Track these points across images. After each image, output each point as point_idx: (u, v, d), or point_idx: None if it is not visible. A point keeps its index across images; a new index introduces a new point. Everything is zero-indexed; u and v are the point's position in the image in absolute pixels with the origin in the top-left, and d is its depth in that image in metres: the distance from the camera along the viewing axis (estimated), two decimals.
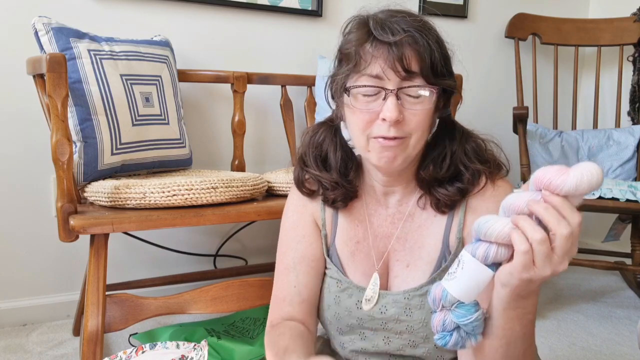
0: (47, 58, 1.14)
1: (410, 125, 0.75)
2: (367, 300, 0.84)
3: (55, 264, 1.74)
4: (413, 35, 0.73)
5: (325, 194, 0.86)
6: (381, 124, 0.74)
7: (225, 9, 1.89)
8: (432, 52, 0.74)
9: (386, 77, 0.73)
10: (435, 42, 0.75)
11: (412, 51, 0.73)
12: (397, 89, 0.73)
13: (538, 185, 0.58)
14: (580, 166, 0.57)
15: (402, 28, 0.73)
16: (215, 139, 1.94)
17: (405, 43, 0.73)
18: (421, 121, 0.75)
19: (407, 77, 0.73)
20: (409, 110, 0.74)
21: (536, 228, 0.56)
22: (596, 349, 1.61)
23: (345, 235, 0.88)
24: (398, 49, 0.72)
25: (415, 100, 0.74)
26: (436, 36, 0.76)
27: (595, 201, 1.72)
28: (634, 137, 2.10)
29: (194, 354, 1.01)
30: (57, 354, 1.52)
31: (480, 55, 2.41)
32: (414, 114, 0.74)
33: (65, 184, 1.19)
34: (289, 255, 0.90)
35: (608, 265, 1.89)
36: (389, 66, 0.73)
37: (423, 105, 0.75)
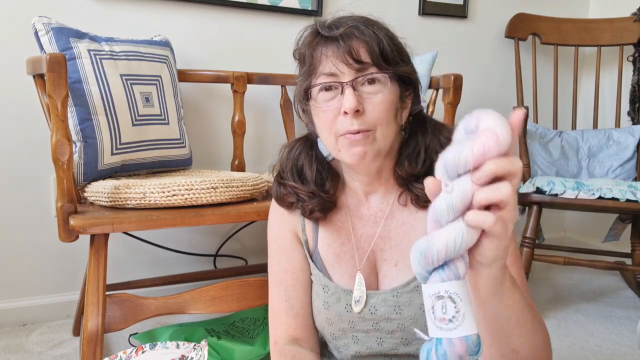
0: (47, 58, 1.14)
1: (372, 115, 0.75)
2: (356, 302, 0.83)
3: (55, 264, 1.74)
4: (357, 27, 0.75)
5: (303, 205, 0.86)
6: (344, 119, 0.75)
7: (225, 9, 1.89)
8: (380, 41, 0.75)
9: (340, 71, 0.75)
10: (384, 33, 0.77)
11: (359, 42, 0.75)
12: (352, 80, 0.74)
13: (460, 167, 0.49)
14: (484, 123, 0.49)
15: (347, 23, 0.76)
16: (215, 139, 1.94)
17: (351, 35, 0.75)
18: (383, 111, 0.75)
19: (360, 68, 0.74)
20: (368, 101, 0.75)
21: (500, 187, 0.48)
22: (596, 349, 1.61)
23: (329, 239, 0.88)
24: (345, 43, 0.74)
25: (373, 89, 0.75)
26: (385, 28, 0.78)
27: (595, 201, 1.72)
28: (634, 137, 2.10)
29: (194, 354, 1.01)
30: (57, 354, 1.52)
31: (480, 55, 2.41)
32: (374, 104, 0.75)
33: (65, 184, 1.19)
34: (274, 268, 0.91)
35: (608, 265, 1.88)
36: (341, 60, 0.75)
37: (383, 94, 0.75)
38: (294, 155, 0.88)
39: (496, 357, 0.64)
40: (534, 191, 1.80)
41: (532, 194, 1.80)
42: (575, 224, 2.74)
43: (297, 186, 0.86)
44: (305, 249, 0.89)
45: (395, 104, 0.77)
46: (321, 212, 0.86)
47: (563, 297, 2.06)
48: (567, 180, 1.79)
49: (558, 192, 1.76)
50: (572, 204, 1.77)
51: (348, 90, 0.74)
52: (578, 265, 1.86)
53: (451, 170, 0.49)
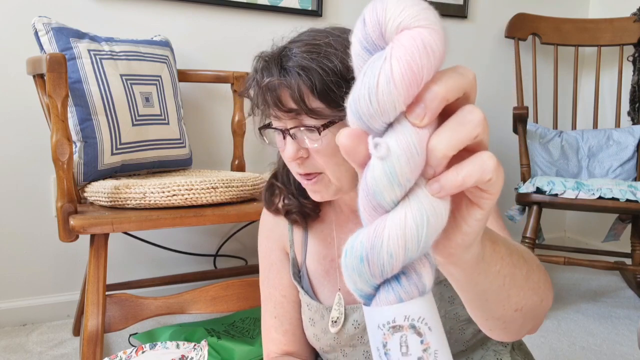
0: (47, 58, 1.14)
1: (316, 161, 0.70)
2: (333, 323, 0.80)
3: (55, 264, 1.74)
4: (287, 70, 0.67)
5: (284, 206, 0.84)
6: (292, 163, 0.71)
7: (225, 9, 1.89)
8: (312, 85, 0.66)
9: (275, 116, 0.70)
10: (325, 67, 0.66)
11: (285, 91, 0.68)
12: (288, 130, 0.69)
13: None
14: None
15: (279, 64, 0.68)
16: (215, 139, 1.94)
17: (277, 86, 0.68)
18: (327, 156, 0.69)
19: (294, 115, 0.68)
20: (311, 147, 0.69)
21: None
22: (596, 349, 1.61)
23: (318, 254, 0.86)
24: (273, 93, 0.68)
25: (310, 137, 0.68)
26: (328, 60, 0.67)
27: (595, 201, 1.72)
28: (634, 137, 2.10)
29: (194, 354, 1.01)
30: (57, 354, 1.52)
31: (480, 55, 2.41)
32: (315, 152, 0.69)
33: (65, 184, 1.19)
34: (264, 284, 0.90)
35: (608, 265, 1.88)
36: (274, 108, 0.69)
37: (321, 142, 0.68)
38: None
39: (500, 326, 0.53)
40: (534, 191, 1.80)
41: (532, 194, 1.80)
42: (575, 224, 2.74)
43: (281, 186, 0.84)
44: (291, 267, 0.87)
45: None
46: (299, 217, 0.83)
47: (563, 297, 2.06)
48: (567, 180, 1.79)
49: (558, 192, 1.76)
50: (572, 204, 1.77)
51: (288, 139, 0.69)
52: (578, 265, 1.86)
53: (373, 121, 0.31)
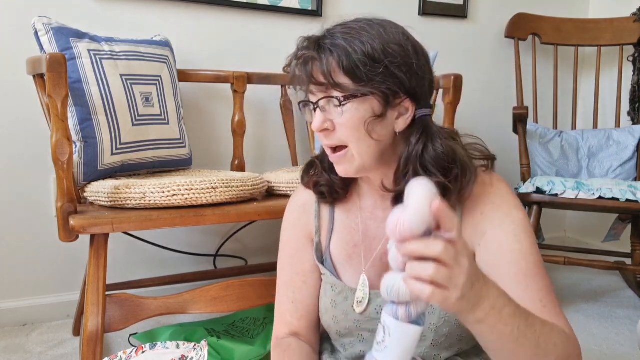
0: (47, 58, 1.14)
1: (341, 134, 0.77)
2: (358, 303, 0.84)
3: (55, 264, 1.74)
4: (320, 47, 0.76)
5: (316, 178, 0.90)
6: (320, 135, 0.79)
7: (225, 9, 1.89)
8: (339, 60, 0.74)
9: (310, 91, 0.79)
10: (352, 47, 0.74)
11: (315, 65, 0.76)
12: (316, 102, 0.77)
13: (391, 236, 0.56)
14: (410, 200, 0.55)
15: (315, 42, 0.77)
16: (215, 139, 1.94)
17: (309, 59, 0.77)
18: (348, 129, 0.76)
19: (323, 89, 0.76)
20: (336, 120, 0.77)
21: (423, 266, 0.54)
22: (596, 349, 1.61)
23: (342, 240, 0.89)
24: (305, 66, 0.77)
25: (336, 110, 0.76)
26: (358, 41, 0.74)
27: (595, 201, 1.72)
28: (634, 137, 2.10)
29: (194, 354, 1.01)
30: (57, 354, 1.52)
31: (480, 55, 2.41)
32: (340, 124, 0.76)
33: (65, 184, 1.19)
34: (285, 270, 0.93)
35: (608, 265, 1.89)
36: (306, 82, 0.78)
37: (346, 114, 0.76)
38: None
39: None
40: (534, 191, 1.80)
41: (532, 194, 1.80)
42: (575, 224, 2.74)
43: (318, 163, 0.90)
44: (314, 251, 0.91)
45: (363, 121, 0.76)
46: (327, 190, 0.88)
47: (563, 297, 2.06)
48: (567, 180, 1.79)
49: (558, 192, 1.76)
50: (572, 204, 1.77)
51: (317, 111, 0.78)
52: (578, 265, 1.86)
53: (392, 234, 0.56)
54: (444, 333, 0.81)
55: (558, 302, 0.77)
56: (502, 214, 0.78)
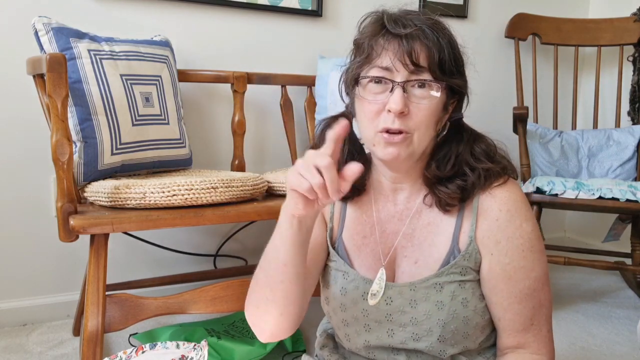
0: (47, 58, 1.14)
1: (414, 119, 0.76)
2: (372, 295, 0.85)
3: (55, 264, 1.74)
4: (424, 30, 0.76)
5: None
6: (387, 116, 0.76)
7: (225, 9, 1.89)
8: (442, 49, 0.76)
9: (395, 69, 0.76)
10: (447, 41, 0.78)
11: (421, 46, 0.76)
12: (405, 81, 0.75)
13: None
14: None
15: (415, 23, 0.76)
16: (215, 139, 1.94)
17: (415, 37, 0.75)
18: (426, 116, 0.77)
19: (416, 70, 0.75)
20: (414, 104, 0.76)
21: None
22: (596, 349, 1.61)
23: (353, 230, 0.90)
24: (408, 43, 0.75)
25: (422, 94, 0.76)
26: (449, 36, 0.79)
27: (595, 201, 1.72)
28: (634, 137, 2.10)
29: (194, 354, 1.01)
30: (57, 354, 1.52)
31: (480, 55, 2.41)
32: (419, 109, 0.76)
33: (65, 184, 1.19)
34: None
35: (608, 265, 1.89)
36: (399, 59, 0.75)
37: (430, 100, 0.76)
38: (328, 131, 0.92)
39: None
40: (534, 191, 1.80)
41: (532, 194, 1.80)
42: (575, 224, 2.74)
43: None
44: (328, 236, 0.92)
45: (438, 112, 0.79)
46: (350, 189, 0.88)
47: (563, 297, 2.06)
48: (567, 180, 1.79)
49: (558, 192, 1.76)
50: (572, 204, 1.77)
51: (398, 91, 0.75)
52: (578, 265, 1.86)
53: None
54: (452, 329, 0.82)
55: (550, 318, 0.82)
56: (514, 227, 0.80)
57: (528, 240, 0.80)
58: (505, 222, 0.81)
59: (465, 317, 0.81)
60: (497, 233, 0.81)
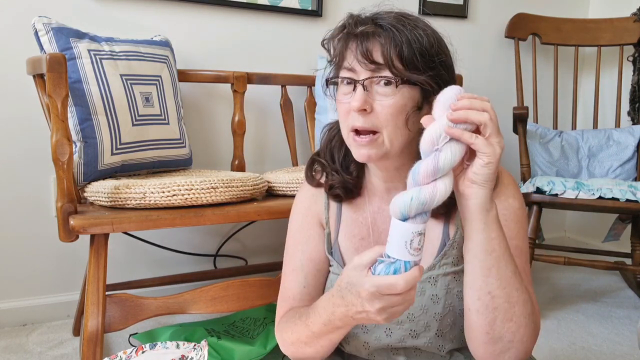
0: (47, 58, 1.14)
1: (380, 117, 0.75)
2: None
3: (55, 264, 1.74)
4: (382, 26, 0.75)
5: (327, 181, 0.90)
6: (354, 115, 0.76)
7: (225, 9, 1.89)
8: (401, 45, 0.74)
9: (356, 68, 0.76)
10: (411, 36, 0.74)
11: (375, 43, 0.75)
12: (363, 80, 0.75)
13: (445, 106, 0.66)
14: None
15: (373, 21, 0.76)
16: (215, 139, 1.94)
17: (370, 35, 0.75)
18: (390, 114, 0.75)
19: (375, 69, 0.74)
20: (378, 102, 0.75)
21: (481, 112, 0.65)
22: (596, 349, 1.61)
23: (349, 232, 0.90)
24: (363, 42, 0.75)
25: (384, 92, 0.75)
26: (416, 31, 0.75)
27: (595, 201, 1.72)
28: (634, 137, 2.10)
29: (194, 354, 1.01)
30: (57, 354, 1.52)
31: (480, 55, 2.41)
32: (383, 106, 0.75)
33: (65, 184, 1.19)
34: (296, 256, 0.92)
35: (608, 265, 1.88)
36: (356, 58, 0.75)
37: (393, 98, 0.75)
38: (330, 135, 0.91)
39: (473, 297, 0.72)
40: (534, 191, 1.80)
41: (532, 194, 1.80)
42: (575, 224, 2.74)
43: (325, 163, 0.89)
44: (326, 242, 0.91)
45: (406, 109, 0.76)
46: (342, 191, 0.88)
47: (563, 297, 2.06)
48: (567, 180, 1.79)
49: (558, 192, 1.76)
50: (572, 204, 1.77)
51: (358, 89, 0.75)
52: (578, 265, 1.86)
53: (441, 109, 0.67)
54: (448, 323, 0.82)
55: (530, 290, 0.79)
56: (499, 200, 0.80)
57: (514, 214, 0.80)
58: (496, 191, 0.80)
59: (461, 309, 0.81)
60: None
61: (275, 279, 1.41)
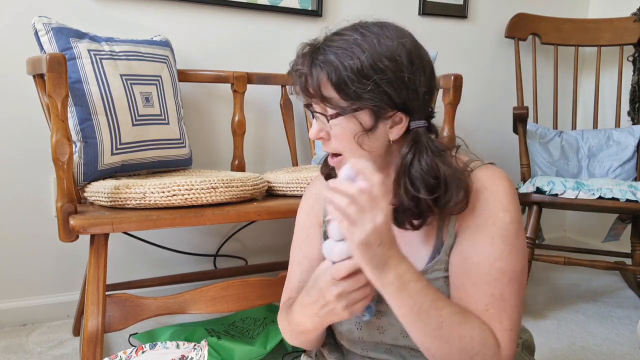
0: (47, 58, 1.14)
1: (333, 144, 0.80)
2: None
3: (55, 264, 1.75)
4: (316, 60, 0.76)
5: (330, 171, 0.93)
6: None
7: (225, 9, 1.89)
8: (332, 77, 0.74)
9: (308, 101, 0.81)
10: (348, 64, 0.73)
11: (308, 79, 0.77)
12: (313, 111, 0.80)
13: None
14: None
15: (311, 54, 0.77)
16: (215, 139, 1.94)
17: (305, 72, 0.77)
18: (339, 142, 0.78)
19: (317, 101, 0.78)
20: (329, 131, 0.79)
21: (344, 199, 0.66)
22: (596, 349, 1.61)
23: None
24: (301, 79, 0.78)
25: (327, 121, 0.78)
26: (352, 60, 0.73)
27: (595, 201, 1.72)
28: (634, 137, 2.10)
29: (194, 354, 1.01)
30: (57, 354, 1.52)
31: (480, 55, 2.41)
32: (332, 135, 0.79)
33: (65, 184, 1.19)
34: (295, 253, 0.97)
35: (608, 265, 1.88)
36: (300, 92, 0.80)
37: (336, 128, 0.78)
38: None
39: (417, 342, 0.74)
40: (534, 191, 1.80)
41: (532, 194, 1.80)
42: (575, 224, 2.74)
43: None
44: (322, 238, 0.94)
45: (353, 134, 0.77)
46: None
47: (563, 297, 2.06)
48: (567, 180, 1.79)
49: (558, 192, 1.76)
50: (572, 204, 1.77)
51: (314, 120, 0.80)
52: (578, 265, 1.86)
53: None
54: None
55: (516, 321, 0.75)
56: (488, 215, 0.77)
57: (501, 229, 0.76)
58: (480, 209, 0.77)
59: None
60: (470, 220, 0.78)
61: (275, 279, 1.41)
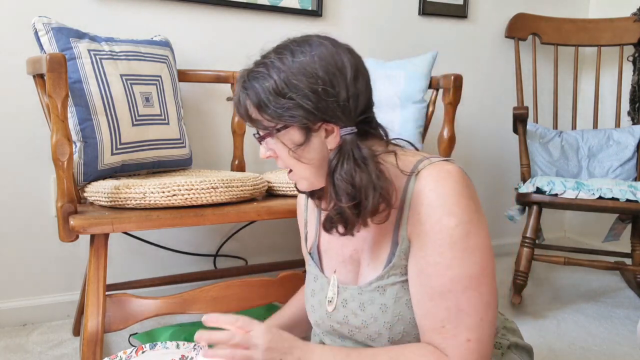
0: (47, 58, 1.14)
1: (280, 161, 0.85)
2: (329, 302, 0.90)
3: (55, 264, 1.75)
4: (241, 87, 0.81)
5: None
6: None
7: (225, 9, 1.89)
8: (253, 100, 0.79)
9: None
10: (261, 88, 0.77)
11: (238, 104, 0.82)
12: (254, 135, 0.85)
13: None
14: None
15: (238, 82, 0.83)
16: (215, 139, 1.94)
17: (235, 99, 0.83)
18: (281, 159, 0.83)
19: (249, 124, 0.84)
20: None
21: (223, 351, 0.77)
22: (596, 349, 1.61)
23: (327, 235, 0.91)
24: (235, 103, 0.83)
25: (259, 142, 0.84)
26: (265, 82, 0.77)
27: (595, 201, 1.72)
28: (634, 137, 2.10)
29: (194, 354, 1.01)
30: (57, 354, 1.52)
31: (480, 55, 2.41)
32: (276, 153, 0.83)
33: (65, 184, 1.19)
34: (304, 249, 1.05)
35: (608, 265, 1.89)
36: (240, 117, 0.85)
37: (273, 146, 0.82)
38: None
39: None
40: (534, 191, 1.80)
41: (532, 194, 1.80)
42: (575, 224, 2.74)
43: None
44: (304, 241, 0.99)
45: (287, 151, 0.80)
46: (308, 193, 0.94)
47: (563, 297, 2.06)
48: (567, 180, 1.79)
49: (558, 192, 1.76)
50: (572, 204, 1.77)
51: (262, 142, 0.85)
52: (578, 265, 1.86)
53: None
54: (400, 331, 0.81)
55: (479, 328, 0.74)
56: (433, 221, 0.75)
57: (448, 237, 0.73)
58: (425, 215, 0.75)
59: (411, 318, 0.80)
60: (417, 226, 0.77)
61: (275, 279, 1.41)
